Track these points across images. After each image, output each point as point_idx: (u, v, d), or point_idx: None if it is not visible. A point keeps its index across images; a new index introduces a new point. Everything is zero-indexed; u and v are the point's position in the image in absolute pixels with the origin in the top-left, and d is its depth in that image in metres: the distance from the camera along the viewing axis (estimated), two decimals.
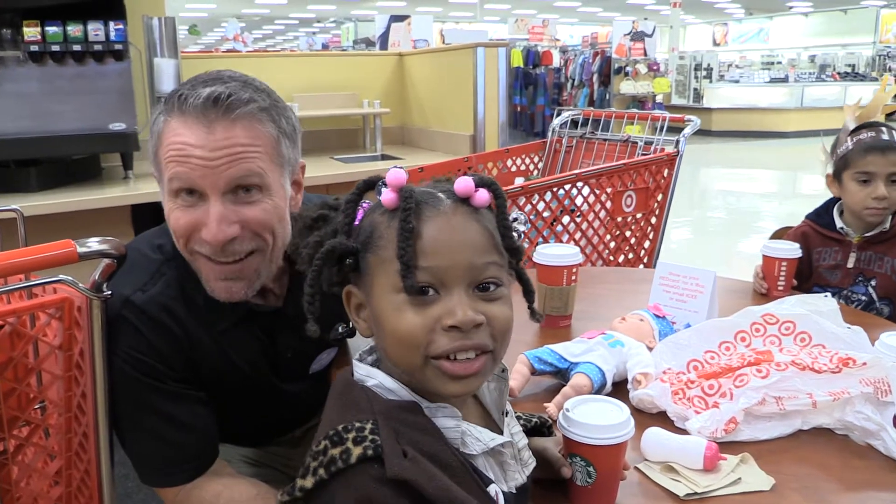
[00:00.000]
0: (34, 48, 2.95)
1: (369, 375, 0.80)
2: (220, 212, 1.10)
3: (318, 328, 0.81)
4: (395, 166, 0.81)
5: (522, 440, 0.89)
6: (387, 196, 0.78)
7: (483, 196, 0.79)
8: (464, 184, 0.78)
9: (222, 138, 1.08)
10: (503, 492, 0.81)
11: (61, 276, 1.04)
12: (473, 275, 0.76)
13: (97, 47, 3.02)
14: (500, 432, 0.85)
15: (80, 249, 1.01)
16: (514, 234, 0.81)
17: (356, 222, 0.82)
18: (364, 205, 0.83)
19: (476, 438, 0.79)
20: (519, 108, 13.54)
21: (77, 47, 2.99)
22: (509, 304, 0.79)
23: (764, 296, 1.80)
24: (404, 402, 0.77)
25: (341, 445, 0.73)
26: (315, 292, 0.80)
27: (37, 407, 1.15)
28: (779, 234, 2.11)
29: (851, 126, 1.95)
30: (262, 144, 1.12)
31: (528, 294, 0.85)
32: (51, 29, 2.95)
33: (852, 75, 18.10)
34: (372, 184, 0.83)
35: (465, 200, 0.79)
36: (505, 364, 0.88)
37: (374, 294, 0.79)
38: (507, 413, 0.88)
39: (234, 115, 1.09)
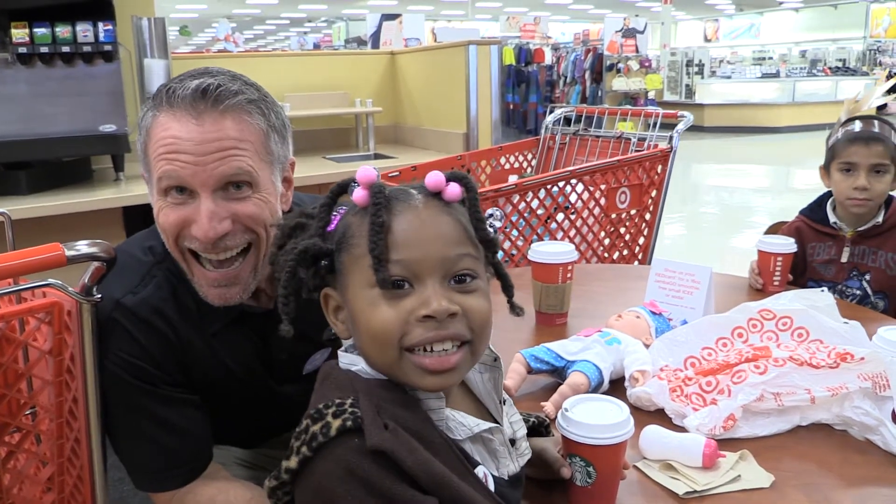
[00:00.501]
0: (22, 50, 2.92)
1: (353, 363, 0.81)
2: (210, 209, 1.09)
3: (292, 328, 0.82)
4: (372, 166, 0.81)
5: (522, 430, 0.88)
6: (358, 194, 0.78)
7: (454, 190, 0.79)
8: (434, 178, 0.78)
9: (211, 130, 1.07)
10: (493, 476, 0.80)
11: (50, 280, 1.03)
12: (447, 267, 0.76)
13: (86, 48, 3.00)
14: (497, 422, 0.85)
15: (69, 253, 1.00)
16: (488, 227, 0.80)
17: (331, 227, 0.81)
18: (340, 210, 0.83)
19: (460, 423, 0.79)
20: (511, 106, 13.52)
21: (66, 48, 2.97)
22: (486, 296, 0.79)
23: (759, 291, 1.79)
24: (385, 381, 0.77)
25: (321, 421, 0.73)
26: (289, 293, 0.80)
27: (28, 413, 1.14)
28: (773, 230, 2.10)
29: (844, 118, 1.95)
30: (251, 140, 1.11)
31: (507, 288, 0.84)
32: (39, 30, 2.92)
33: (843, 70, 18.16)
34: (345, 187, 0.82)
35: (436, 195, 0.79)
36: (497, 353, 0.88)
37: (349, 292, 0.79)
38: (504, 402, 0.88)
39: (223, 106, 1.09)
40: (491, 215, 0.85)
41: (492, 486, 0.79)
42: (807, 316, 1.31)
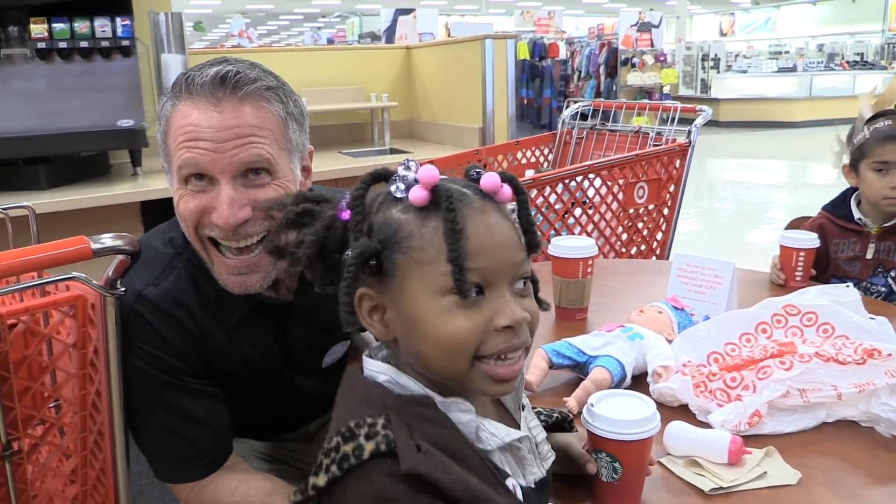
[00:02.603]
0: (41, 45, 2.94)
1: (380, 371, 0.79)
2: (230, 195, 1.10)
3: (358, 328, 0.80)
4: (409, 160, 0.79)
5: (541, 434, 0.87)
6: (417, 194, 0.74)
7: (508, 192, 0.77)
8: (491, 180, 0.76)
9: (231, 117, 1.08)
10: (521, 486, 0.79)
11: (74, 274, 1.03)
12: (514, 272, 0.75)
13: (104, 44, 3.01)
14: (517, 426, 0.84)
15: (94, 246, 1.00)
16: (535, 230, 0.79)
17: (344, 215, 0.79)
18: (346, 198, 0.79)
19: (491, 433, 0.77)
20: (525, 101, 13.50)
21: (84, 44, 2.98)
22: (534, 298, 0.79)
23: (781, 286, 1.77)
24: (417, 397, 0.76)
25: (353, 441, 0.71)
26: (351, 301, 0.77)
27: (51, 406, 1.14)
28: (795, 225, 2.08)
29: (868, 115, 1.92)
30: (270, 127, 1.12)
31: (534, 283, 0.82)
32: (58, 26, 2.93)
33: (861, 64, 17.97)
34: (379, 176, 0.80)
35: (489, 196, 0.77)
36: None
37: (405, 297, 0.75)
38: (524, 407, 0.87)
39: (242, 92, 1.09)
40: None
41: (520, 497, 0.78)
42: (832, 311, 1.30)
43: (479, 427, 0.77)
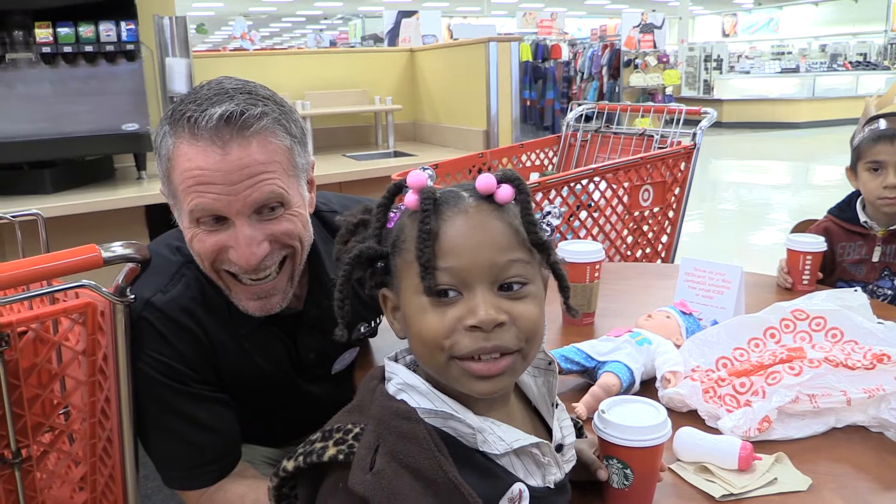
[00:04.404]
0: (46, 49, 2.95)
1: (394, 372, 0.80)
2: (248, 234, 1.10)
3: (346, 332, 0.81)
4: (425, 166, 0.79)
5: (571, 436, 0.87)
6: (409, 198, 0.77)
7: (506, 192, 0.76)
8: (485, 181, 0.76)
9: (237, 158, 1.06)
10: (538, 486, 0.79)
11: (84, 281, 1.03)
12: (495, 273, 0.74)
13: (109, 48, 3.02)
14: (548, 426, 0.85)
15: (105, 254, 1.00)
16: (542, 229, 0.78)
17: (390, 224, 0.81)
18: (400, 207, 0.82)
19: (499, 438, 0.77)
20: (528, 103, 13.49)
21: (89, 48, 2.99)
22: (537, 302, 0.77)
23: (788, 290, 1.77)
24: (401, 409, 0.76)
25: (325, 441, 0.76)
26: (344, 297, 0.79)
27: (61, 413, 1.14)
28: (800, 228, 2.08)
29: (871, 115, 1.92)
30: (278, 160, 1.11)
31: (564, 290, 0.82)
32: (62, 30, 2.94)
33: (864, 64, 17.95)
34: (401, 186, 0.81)
35: (488, 198, 0.77)
36: (553, 356, 0.88)
37: (402, 296, 0.78)
38: (556, 405, 0.87)
39: (250, 131, 1.07)
40: (549, 213, 0.82)
41: (526, 502, 0.78)
42: (841, 316, 1.30)
43: (487, 431, 0.77)
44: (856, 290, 1.42)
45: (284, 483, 0.80)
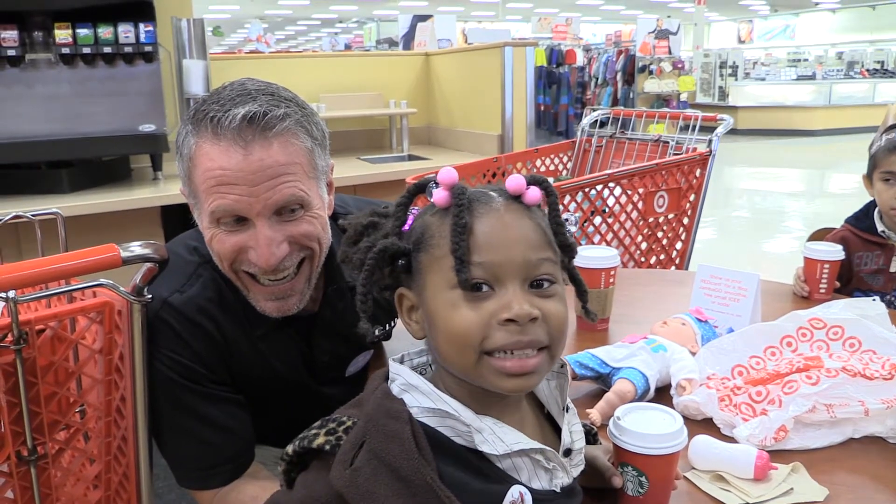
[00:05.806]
0: (65, 50, 2.98)
1: (398, 373, 0.81)
2: (268, 235, 1.10)
3: (371, 327, 0.81)
4: (448, 167, 0.80)
5: (580, 441, 0.87)
6: (439, 195, 0.77)
7: (535, 193, 0.77)
8: (515, 181, 0.78)
9: (259, 159, 1.07)
10: (543, 490, 0.79)
11: (102, 280, 1.04)
12: (528, 270, 0.75)
13: (127, 49, 3.04)
14: (558, 428, 0.84)
15: (124, 254, 1.00)
16: (568, 232, 0.79)
17: (406, 226, 0.81)
18: (414, 210, 0.83)
19: (499, 438, 0.77)
20: (542, 108, 13.47)
21: (108, 49, 3.02)
22: (564, 302, 0.78)
23: (805, 298, 1.76)
24: (393, 410, 0.76)
25: (318, 430, 0.78)
26: (368, 292, 0.79)
27: (77, 411, 1.15)
28: (817, 237, 2.06)
29: (891, 122, 1.91)
30: (299, 161, 1.11)
31: (582, 294, 0.83)
32: (82, 31, 2.97)
33: (881, 72, 17.82)
34: (422, 187, 0.82)
35: (516, 198, 0.78)
36: (564, 359, 0.87)
37: (427, 293, 0.78)
38: (567, 409, 0.87)
39: (272, 132, 1.08)
40: (566, 220, 0.84)
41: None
42: (859, 325, 1.29)
43: (486, 430, 0.76)
44: (874, 300, 1.41)
45: (292, 468, 0.81)
